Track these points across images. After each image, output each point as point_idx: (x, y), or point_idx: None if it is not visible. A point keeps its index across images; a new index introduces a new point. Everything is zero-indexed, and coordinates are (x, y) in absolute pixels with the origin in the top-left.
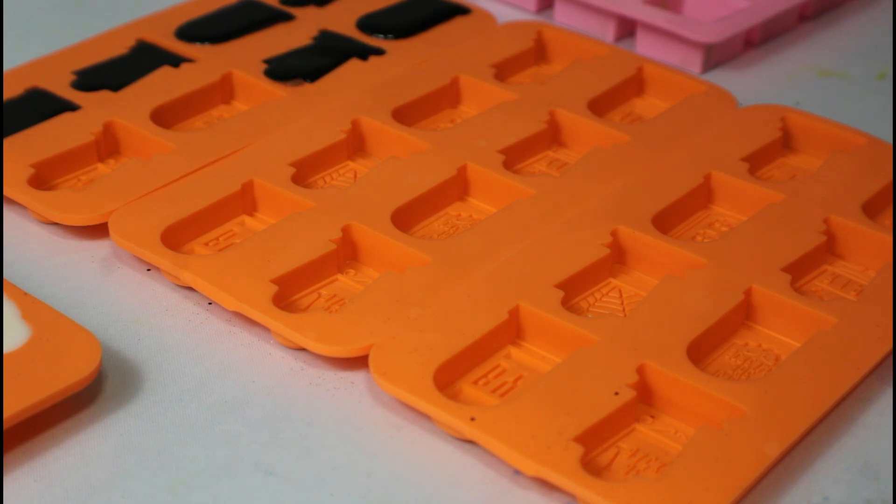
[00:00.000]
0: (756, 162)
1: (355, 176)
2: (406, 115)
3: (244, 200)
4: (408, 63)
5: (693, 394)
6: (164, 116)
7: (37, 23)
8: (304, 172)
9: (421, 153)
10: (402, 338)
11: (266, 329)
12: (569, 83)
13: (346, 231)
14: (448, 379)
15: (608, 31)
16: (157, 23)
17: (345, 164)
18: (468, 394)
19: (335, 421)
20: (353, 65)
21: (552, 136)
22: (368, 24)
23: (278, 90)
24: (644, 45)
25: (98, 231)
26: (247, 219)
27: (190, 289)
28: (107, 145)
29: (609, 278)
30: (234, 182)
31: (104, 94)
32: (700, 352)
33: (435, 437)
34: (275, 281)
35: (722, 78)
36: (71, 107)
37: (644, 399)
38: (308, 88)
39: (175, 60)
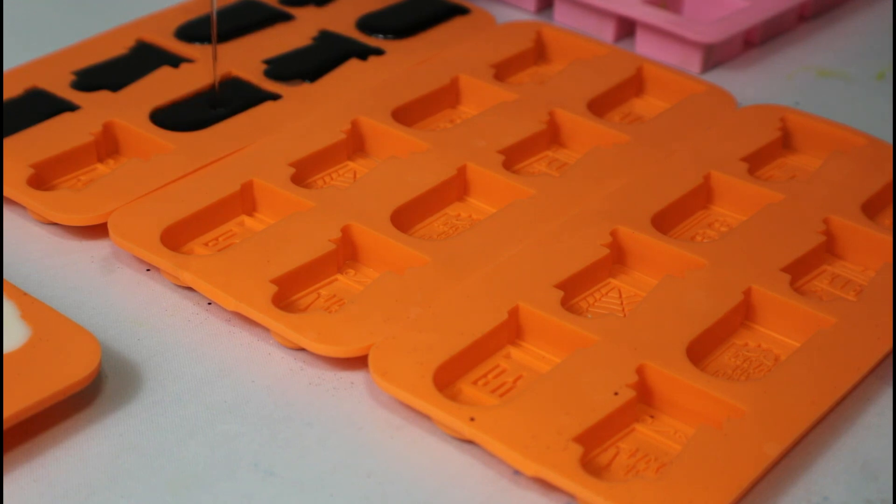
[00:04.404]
0: (756, 162)
1: (355, 176)
2: (406, 115)
3: (244, 200)
4: (407, 63)
5: (693, 394)
6: None
7: (37, 23)
8: (303, 172)
9: (421, 153)
10: (401, 338)
11: (266, 329)
12: (568, 83)
13: (345, 231)
14: (448, 379)
15: (608, 31)
16: (157, 23)
17: (344, 164)
18: (468, 394)
19: (335, 421)
20: (353, 65)
21: (552, 136)
22: (368, 24)
23: (278, 90)
24: (644, 46)
25: (98, 231)
26: (246, 219)
27: (190, 289)
28: (106, 145)
29: (609, 278)
30: (233, 182)
31: (104, 95)
32: (700, 352)
33: (435, 437)
34: (274, 281)
35: (722, 78)
36: (70, 107)
37: (644, 399)
38: (308, 88)
39: (175, 60)
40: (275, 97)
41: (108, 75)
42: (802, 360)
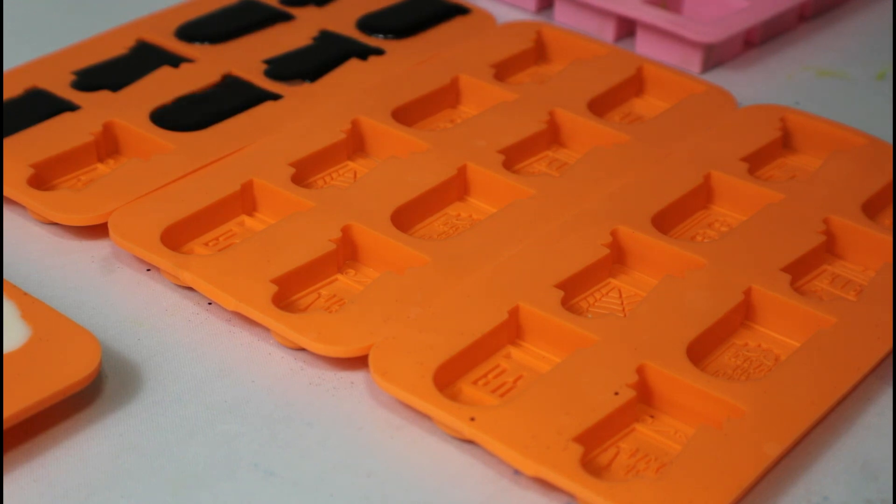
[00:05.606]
0: (756, 162)
1: (355, 176)
2: (406, 115)
3: (244, 200)
4: (407, 63)
5: (693, 394)
6: None
7: (37, 23)
8: (303, 172)
9: (421, 153)
10: (401, 338)
11: (266, 329)
12: (569, 83)
13: (345, 231)
14: (448, 379)
15: (608, 31)
16: (157, 23)
17: (345, 164)
18: (468, 394)
19: (335, 421)
20: (353, 65)
21: (552, 136)
22: (368, 24)
23: (278, 90)
24: (644, 45)
25: (98, 231)
26: (247, 219)
27: (190, 289)
28: (106, 145)
29: (609, 278)
30: (233, 182)
31: (104, 94)
32: (700, 352)
33: (435, 437)
34: (275, 281)
35: (722, 78)
36: (71, 107)
37: (644, 399)
38: (308, 88)
39: (175, 60)
40: (275, 97)
41: (108, 75)
42: (802, 360)
